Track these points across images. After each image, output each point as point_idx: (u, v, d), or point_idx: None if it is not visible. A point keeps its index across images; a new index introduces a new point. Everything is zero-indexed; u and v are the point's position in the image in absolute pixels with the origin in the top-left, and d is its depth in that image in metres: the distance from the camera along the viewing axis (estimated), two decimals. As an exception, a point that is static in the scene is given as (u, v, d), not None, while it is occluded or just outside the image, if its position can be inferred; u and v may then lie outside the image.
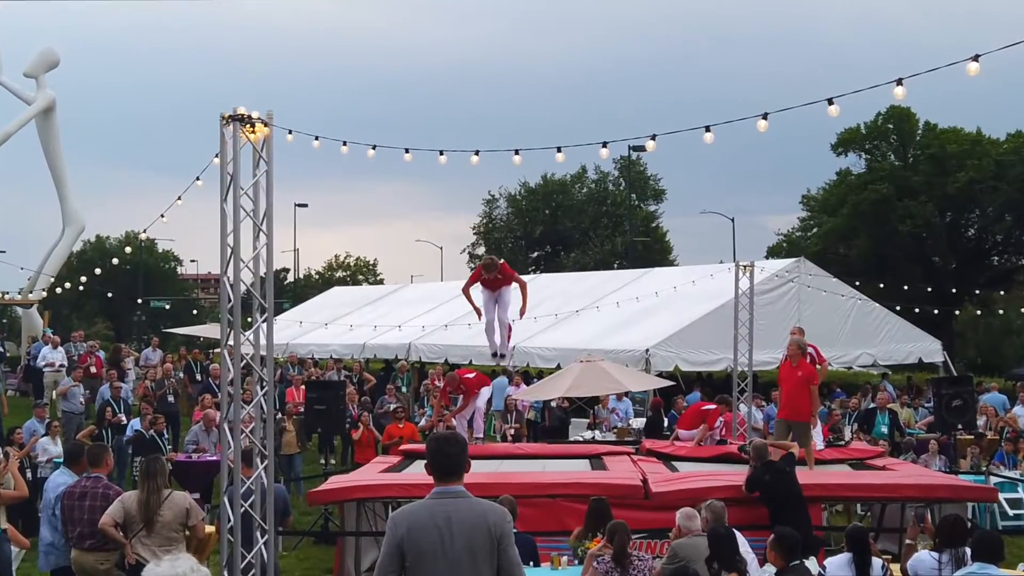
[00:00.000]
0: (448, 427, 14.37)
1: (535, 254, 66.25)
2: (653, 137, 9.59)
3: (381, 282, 72.59)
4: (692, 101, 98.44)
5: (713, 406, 15.18)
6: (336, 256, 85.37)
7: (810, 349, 13.77)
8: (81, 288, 31.77)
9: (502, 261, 13.46)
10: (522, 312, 14.08)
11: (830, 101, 8.49)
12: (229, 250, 7.87)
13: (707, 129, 9.13)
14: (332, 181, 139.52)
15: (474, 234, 67.45)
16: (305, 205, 62.23)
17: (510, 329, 13.92)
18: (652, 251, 58.58)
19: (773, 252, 52.44)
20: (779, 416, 13.24)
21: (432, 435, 5.07)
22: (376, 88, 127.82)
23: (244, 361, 7.98)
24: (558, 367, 20.69)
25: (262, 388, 8.01)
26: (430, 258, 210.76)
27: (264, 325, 8.03)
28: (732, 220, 53.97)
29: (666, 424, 18.65)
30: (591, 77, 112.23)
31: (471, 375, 15.38)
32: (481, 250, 66.76)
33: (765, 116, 8.86)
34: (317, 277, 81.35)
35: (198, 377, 24.02)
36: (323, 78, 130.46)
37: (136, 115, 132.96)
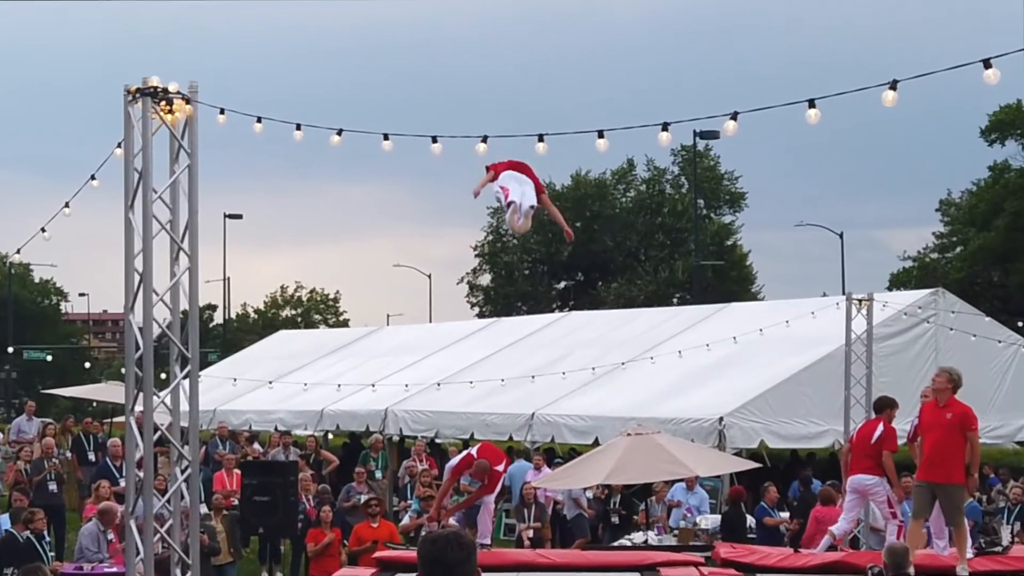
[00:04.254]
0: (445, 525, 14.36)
1: (562, 284, 66.20)
2: (734, 116, 9.44)
3: (346, 324, 72.81)
4: (778, 67, 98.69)
5: (881, 427, 14.49)
6: (282, 288, 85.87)
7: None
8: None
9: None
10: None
11: (986, 63, 8.34)
12: (137, 278, 7.88)
13: (811, 104, 8.98)
14: (278, 181, 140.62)
15: (475, 256, 67.39)
16: (239, 216, 62.52)
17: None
18: (727, 279, 58.68)
19: (899, 281, 52.45)
20: (919, 477, 13.05)
21: (426, 536, 5.06)
22: (343, 52, 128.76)
23: (158, 433, 7.96)
24: (595, 443, 20.62)
25: (183, 471, 7.98)
26: (414, 290, 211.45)
27: (185, 382, 8.02)
28: (840, 236, 54.06)
29: (750, 523, 18.53)
30: (639, 35, 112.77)
31: (500, 466, 15.46)
32: (484, 279, 66.65)
33: (894, 85, 8.70)
34: (256, 317, 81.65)
35: (91, 456, 24.00)
36: (268, 39, 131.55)
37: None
